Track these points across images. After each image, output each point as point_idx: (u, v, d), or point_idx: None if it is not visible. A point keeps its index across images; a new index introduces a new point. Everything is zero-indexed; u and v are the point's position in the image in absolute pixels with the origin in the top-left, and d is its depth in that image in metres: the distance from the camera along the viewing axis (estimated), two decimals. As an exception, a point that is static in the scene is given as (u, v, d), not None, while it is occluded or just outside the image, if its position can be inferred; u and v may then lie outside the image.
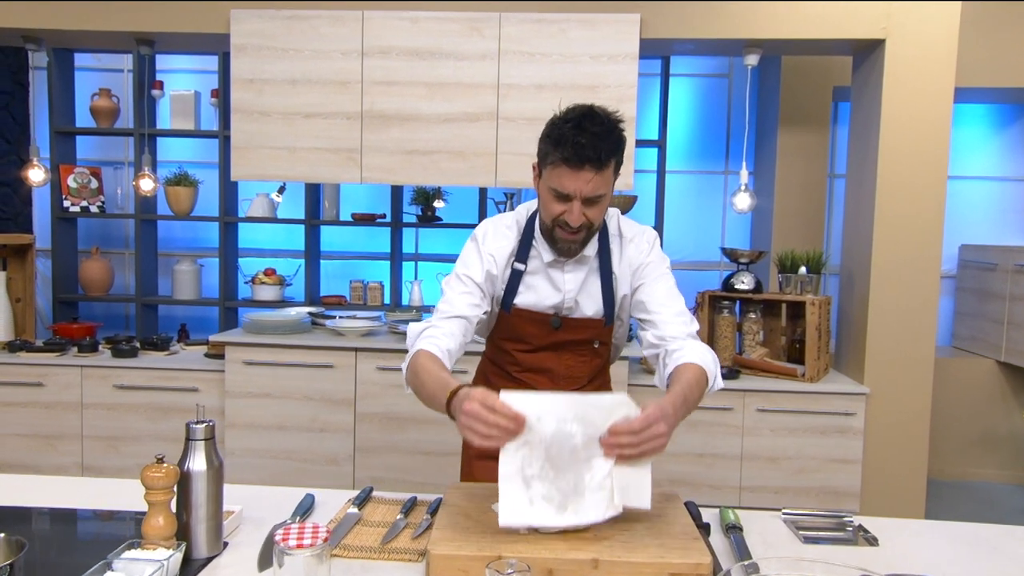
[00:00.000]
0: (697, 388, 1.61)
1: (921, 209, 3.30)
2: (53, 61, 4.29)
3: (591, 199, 1.62)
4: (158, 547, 1.29)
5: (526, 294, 1.80)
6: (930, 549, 1.49)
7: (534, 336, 1.82)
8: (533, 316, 1.80)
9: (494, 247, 1.79)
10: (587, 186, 1.60)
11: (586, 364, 1.85)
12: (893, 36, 3.27)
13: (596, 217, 1.66)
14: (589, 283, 1.79)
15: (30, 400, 3.52)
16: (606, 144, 1.57)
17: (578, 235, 1.68)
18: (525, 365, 1.87)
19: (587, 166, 1.57)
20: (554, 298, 1.79)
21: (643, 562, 1.29)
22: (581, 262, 1.78)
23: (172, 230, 4.72)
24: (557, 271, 1.79)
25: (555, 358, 1.85)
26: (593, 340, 1.83)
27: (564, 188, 1.61)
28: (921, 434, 3.39)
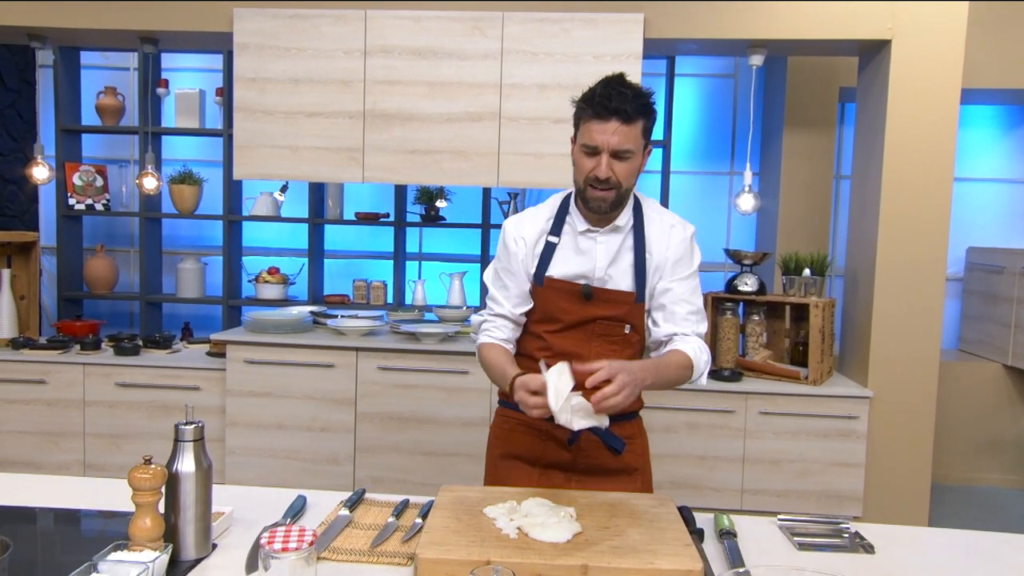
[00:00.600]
0: (676, 369, 1.74)
1: (927, 211, 3.27)
2: (59, 59, 4.31)
3: (618, 153, 1.67)
4: (144, 548, 1.28)
5: (558, 265, 1.81)
6: (927, 557, 1.47)
7: (565, 311, 1.81)
8: (564, 287, 1.80)
9: (523, 230, 1.85)
10: (613, 138, 1.65)
11: (617, 353, 1.81)
12: (899, 37, 3.24)
13: (624, 175, 1.70)
14: (622, 256, 1.81)
15: (33, 397, 3.53)
16: (633, 103, 1.65)
17: (608, 192, 1.71)
18: (555, 349, 1.82)
19: (614, 118, 1.64)
20: (585, 266, 1.80)
21: (633, 568, 1.28)
22: (614, 232, 1.80)
23: (177, 228, 4.73)
24: (590, 241, 1.81)
25: (585, 343, 1.81)
26: (624, 322, 1.81)
27: (592, 141, 1.68)
28: (925, 438, 3.36)
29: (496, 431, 1.95)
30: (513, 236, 1.86)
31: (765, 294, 3.57)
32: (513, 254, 1.85)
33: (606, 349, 1.81)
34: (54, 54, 4.34)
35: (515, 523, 1.41)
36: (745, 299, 3.57)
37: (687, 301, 1.81)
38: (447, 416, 3.36)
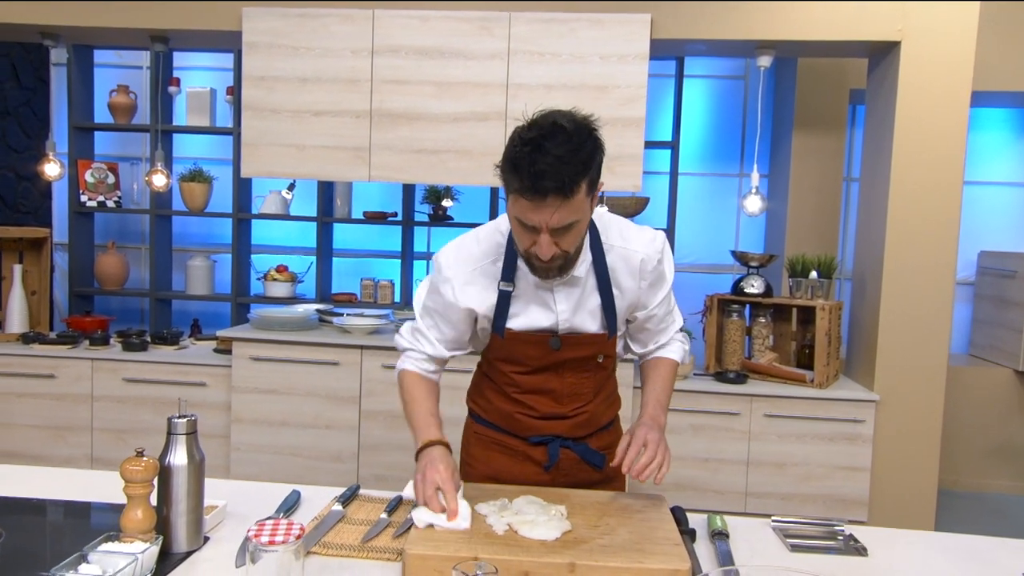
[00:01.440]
0: (672, 380, 1.78)
1: (935, 215, 3.24)
2: (73, 58, 4.35)
3: (560, 229, 1.45)
4: (136, 540, 1.30)
5: (518, 317, 1.65)
6: (921, 561, 1.46)
7: (532, 358, 1.68)
8: (529, 338, 1.66)
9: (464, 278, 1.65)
10: (553, 218, 1.42)
11: (590, 380, 1.73)
12: (909, 38, 3.22)
13: (571, 245, 1.50)
14: (586, 301, 1.65)
15: (42, 391, 3.56)
16: (571, 167, 1.38)
17: (553, 263, 1.51)
18: (525, 387, 1.72)
19: (550, 197, 1.39)
20: (548, 320, 1.65)
21: (620, 567, 1.27)
22: (572, 283, 1.63)
23: (187, 226, 4.76)
24: (547, 292, 1.64)
25: (557, 378, 1.71)
26: (596, 355, 1.71)
27: (528, 220, 1.44)
28: (932, 443, 3.33)
29: (473, 451, 1.86)
30: (452, 284, 1.65)
31: (771, 296, 3.55)
32: (451, 304, 1.66)
33: (579, 379, 1.72)
34: (68, 53, 4.39)
35: (505, 520, 1.41)
36: (751, 301, 3.55)
37: (668, 314, 1.77)
38: (450, 415, 3.33)
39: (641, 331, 1.77)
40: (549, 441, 1.74)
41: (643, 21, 3.26)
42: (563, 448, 1.75)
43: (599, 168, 1.47)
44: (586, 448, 1.76)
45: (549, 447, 1.74)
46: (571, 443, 1.75)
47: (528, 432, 1.76)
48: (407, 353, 1.77)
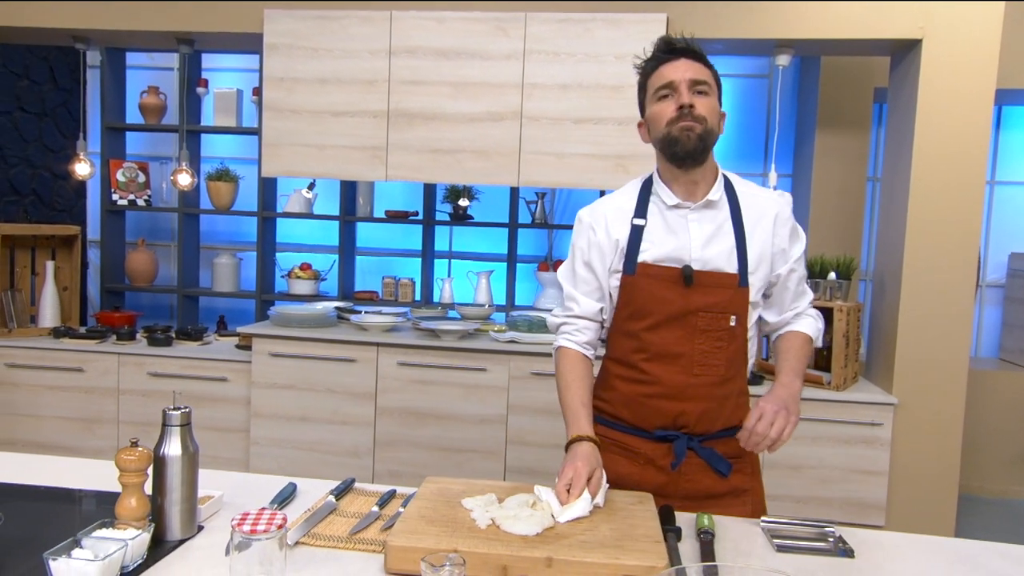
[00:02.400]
0: (807, 353, 1.76)
1: (956, 215, 3.19)
2: (106, 60, 4.48)
3: (696, 85, 1.63)
4: (129, 527, 1.34)
5: (649, 249, 1.68)
6: (906, 563, 1.44)
7: (663, 301, 1.66)
8: (660, 272, 1.66)
9: (601, 216, 1.75)
10: (688, 71, 1.63)
11: (722, 350, 1.66)
12: (930, 36, 3.17)
13: (705, 110, 1.63)
14: (719, 236, 1.68)
15: (71, 385, 3.67)
16: (696, 48, 1.67)
17: (694, 123, 1.61)
18: (652, 350, 1.68)
19: (682, 57, 1.65)
20: (680, 246, 1.67)
21: (597, 562, 1.29)
22: (708, 208, 1.69)
23: (215, 224, 4.86)
24: (681, 219, 1.69)
25: (687, 340, 1.66)
26: (728, 312, 1.65)
27: (666, 78, 1.64)
28: (952, 448, 3.27)
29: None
30: (589, 223, 1.75)
31: (789, 297, 3.51)
32: (592, 243, 1.73)
33: (711, 347, 1.66)
34: (101, 55, 4.51)
35: (489, 515, 1.43)
36: (769, 302, 3.52)
37: (804, 278, 1.79)
38: (465, 412, 3.40)
39: (778, 293, 1.76)
40: (675, 438, 1.70)
41: (659, 20, 3.25)
42: (688, 449, 1.70)
43: (718, 76, 1.71)
44: (712, 452, 1.71)
45: (675, 444, 1.70)
46: (697, 444, 1.71)
47: (652, 421, 1.72)
48: (561, 328, 1.80)
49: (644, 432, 1.74)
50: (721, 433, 1.72)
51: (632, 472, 1.74)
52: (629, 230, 1.71)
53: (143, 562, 1.32)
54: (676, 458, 1.69)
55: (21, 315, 3.92)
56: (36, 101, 4.62)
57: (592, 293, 1.77)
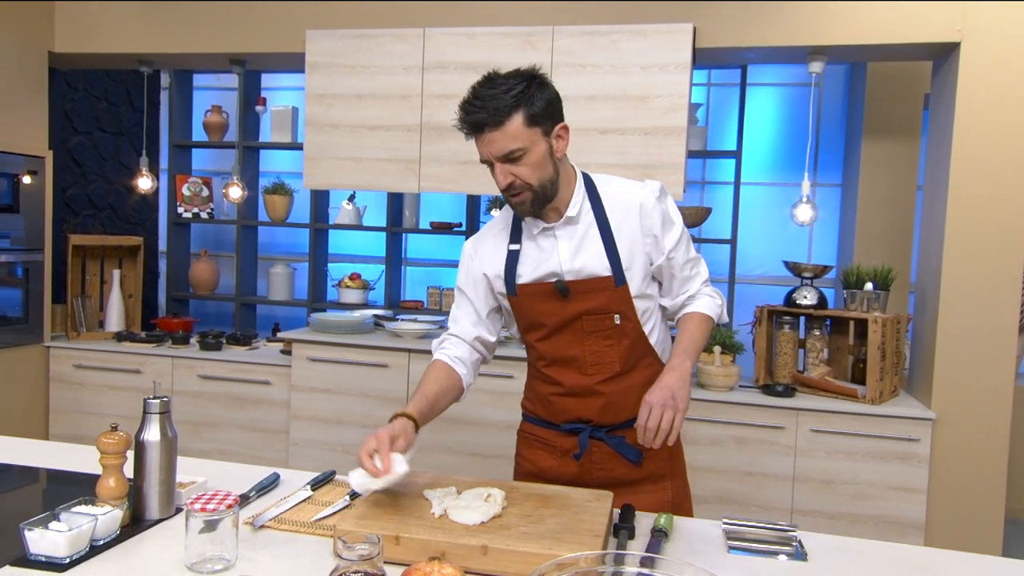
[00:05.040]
0: (702, 331, 1.75)
1: (998, 224, 3.06)
2: (174, 82, 4.78)
3: (507, 157, 1.62)
4: (106, 505, 1.46)
5: (524, 270, 1.77)
6: (860, 569, 1.42)
7: (545, 314, 1.76)
8: (537, 289, 1.75)
9: (480, 247, 1.84)
10: (493, 147, 1.62)
11: (613, 348, 1.74)
12: (969, 39, 3.07)
13: (528, 175, 1.63)
14: (587, 243, 1.74)
15: (130, 385, 3.91)
16: (499, 101, 1.59)
17: (521, 196, 1.66)
18: (549, 357, 1.79)
19: (485, 129, 1.61)
20: (551, 264, 1.74)
21: (530, 552, 1.32)
22: (570, 223, 1.74)
23: (274, 236, 5.09)
24: (549, 239, 1.75)
25: (578, 343, 1.76)
26: (611, 312, 1.73)
27: (480, 156, 1.66)
28: (997, 467, 3.13)
29: (521, 449, 1.95)
30: (470, 255, 1.85)
31: (825, 308, 3.44)
32: (469, 274, 1.84)
33: (601, 346, 1.75)
34: (170, 78, 4.81)
35: (444, 505, 1.49)
36: (803, 313, 3.46)
37: (687, 261, 1.79)
38: (492, 418, 3.45)
39: (665, 280, 1.80)
40: (580, 430, 1.79)
41: (685, 31, 3.26)
42: (595, 440, 1.78)
43: (546, 106, 1.64)
44: (620, 441, 1.77)
45: (580, 436, 1.78)
46: (604, 434, 1.78)
47: (560, 416, 1.82)
48: (440, 344, 1.87)
49: (554, 425, 1.84)
50: (629, 423, 1.74)
51: (552, 465, 1.85)
52: (506, 256, 1.79)
53: (118, 536, 1.43)
54: (580, 448, 1.78)
55: (90, 320, 4.20)
56: (113, 122, 4.95)
57: (470, 316, 1.85)
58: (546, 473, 1.84)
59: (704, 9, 3.30)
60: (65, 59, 4.08)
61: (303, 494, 1.68)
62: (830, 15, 3.20)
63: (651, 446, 1.55)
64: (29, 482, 1.81)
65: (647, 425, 1.54)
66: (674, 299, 1.82)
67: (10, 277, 3.83)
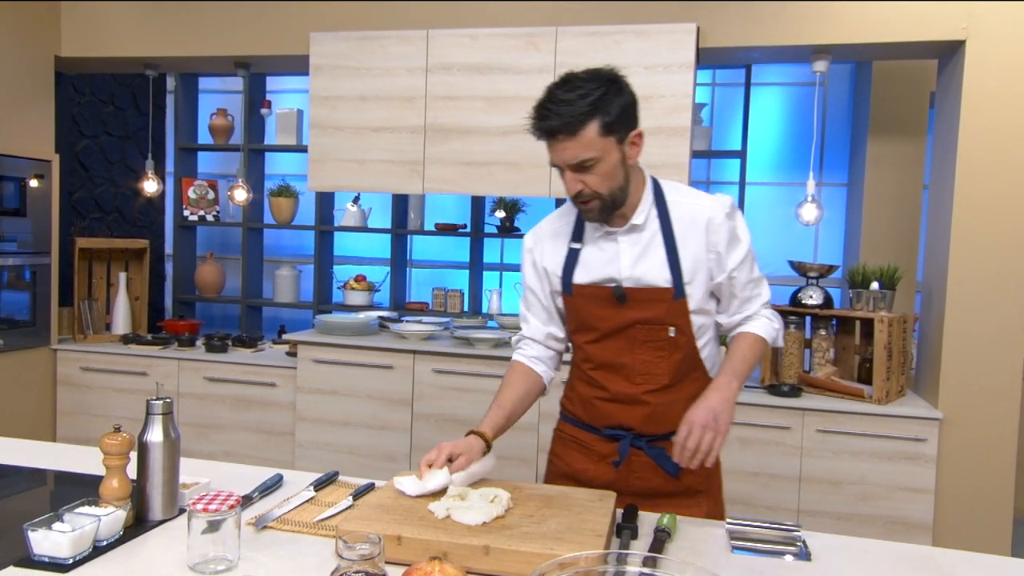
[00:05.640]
0: (753, 353, 1.72)
1: (1005, 223, 3.05)
2: (179, 85, 4.80)
3: (579, 166, 1.59)
4: (110, 506, 1.46)
5: (583, 271, 1.75)
6: (864, 568, 1.41)
7: (600, 318, 1.73)
8: (594, 292, 1.73)
9: (540, 241, 1.83)
10: (566, 154, 1.59)
11: (664, 360, 1.71)
12: (974, 37, 3.05)
13: (597, 183, 1.61)
14: (650, 252, 1.70)
15: (137, 387, 3.92)
16: (575, 107, 1.55)
17: (589, 204, 1.64)
18: (596, 361, 1.77)
19: (559, 136, 1.57)
20: (611, 269, 1.72)
21: (532, 552, 1.32)
22: (634, 231, 1.71)
23: (279, 238, 5.10)
24: (611, 242, 1.73)
25: (628, 351, 1.72)
26: (666, 324, 1.69)
27: (552, 161, 1.64)
28: (1005, 467, 3.11)
29: (555, 448, 1.92)
30: (530, 248, 1.84)
31: (831, 308, 3.43)
32: (532, 265, 1.83)
33: (652, 356, 1.72)
34: (176, 81, 4.83)
35: (446, 506, 1.48)
36: (808, 313, 3.45)
37: (749, 281, 1.76)
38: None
39: (724, 298, 1.76)
40: (621, 437, 1.76)
41: (688, 31, 3.25)
42: (635, 448, 1.75)
43: (622, 113, 1.60)
44: (660, 452, 1.73)
45: (620, 443, 1.75)
46: (644, 444, 1.75)
47: (602, 421, 1.78)
48: (516, 344, 1.89)
49: (595, 429, 1.81)
50: (671, 435, 1.70)
51: (587, 467, 1.82)
52: (566, 253, 1.78)
53: (121, 537, 1.44)
54: (619, 456, 1.74)
55: (96, 322, 4.22)
56: (120, 125, 4.97)
57: (539, 314, 1.85)
58: (580, 475, 1.81)
59: (707, 9, 3.30)
60: (71, 63, 4.10)
61: (306, 495, 1.68)
62: (834, 14, 3.19)
63: (688, 466, 1.54)
64: (37, 484, 1.82)
65: (686, 444, 1.53)
66: (731, 317, 1.78)
67: (17, 280, 3.85)
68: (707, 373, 1.78)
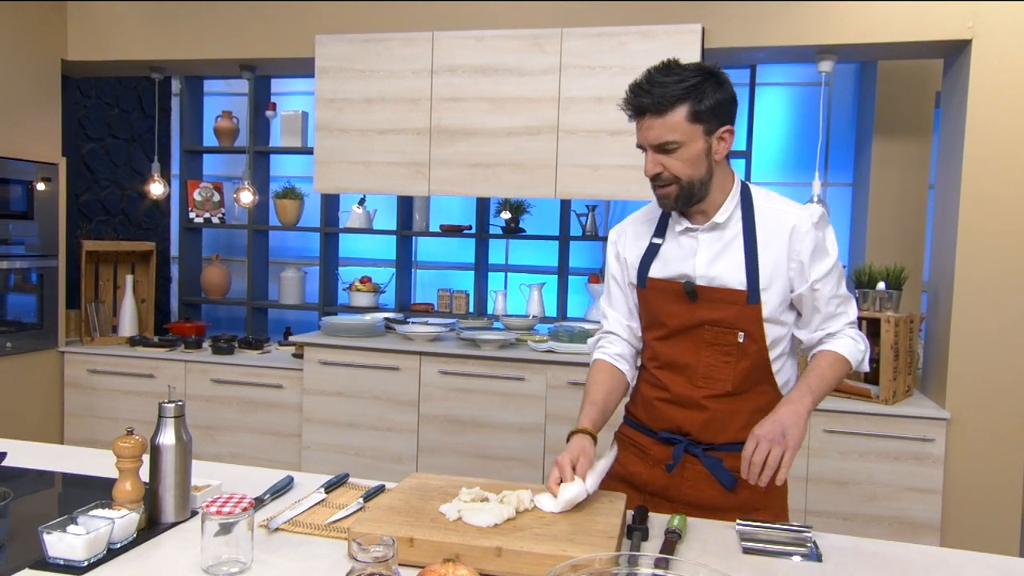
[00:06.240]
0: (832, 372, 1.68)
1: (1012, 222, 3.04)
2: (184, 88, 4.81)
3: (662, 147, 1.60)
4: (123, 509, 1.46)
5: (659, 266, 1.75)
6: (875, 569, 1.41)
7: (669, 314, 1.72)
8: (666, 287, 1.72)
9: (624, 236, 1.85)
10: (650, 132, 1.60)
11: (730, 365, 1.67)
12: (980, 36, 3.05)
13: (677, 168, 1.61)
14: (728, 253, 1.68)
15: (144, 389, 3.93)
16: (668, 90, 1.56)
17: (667, 188, 1.64)
18: (662, 359, 1.76)
19: (647, 115, 1.59)
20: (686, 265, 1.71)
21: (544, 553, 1.32)
22: (716, 229, 1.69)
23: (285, 240, 5.11)
24: (691, 240, 1.72)
25: (694, 352, 1.70)
26: (736, 328, 1.66)
27: (638, 139, 1.64)
28: (1013, 467, 3.11)
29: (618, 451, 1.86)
30: (614, 241, 1.87)
31: (837, 308, 3.42)
32: (616, 257, 1.85)
33: (718, 360, 1.69)
34: (181, 84, 4.85)
35: (457, 508, 1.49)
36: (815, 313, 3.44)
37: (834, 296, 1.70)
38: (504, 421, 3.46)
39: (807, 312, 1.72)
40: (677, 442, 1.74)
41: (694, 31, 3.26)
42: (690, 456, 1.72)
43: (716, 106, 1.59)
44: (717, 462, 1.70)
45: (675, 448, 1.73)
46: (700, 451, 1.72)
47: (660, 424, 1.76)
48: (598, 343, 1.88)
49: (652, 432, 1.80)
50: (730, 446, 1.70)
51: (641, 471, 1.80)
52: (647, 246, 1.79)
53: (134, 539, 1.44)
54: (673, 459, 1.72)
55: (103, 325, 4.23)
56: (125, 128, 4.98)
57: (620, 307, 1.86)
58: (634, 478, 1.79)
59: (713, 9, 3.30)
60: (78, 67, 4.11)
61: (317, 497, 1.68)
62: (840, 14, 3.20)
63: (755, 483, 1.52)
64: (45, 486, 1.82)
65: (752, 460, 1.50)
66: (812, 333, 1.73)
67: (25, 283, 3.86)
68: (778, 389, 1.74)
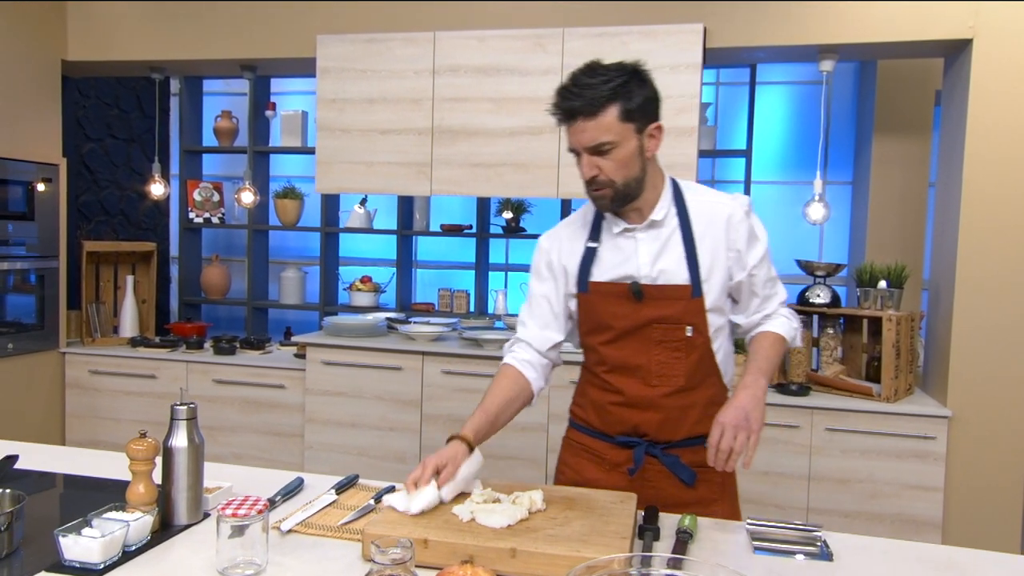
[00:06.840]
0: (776, 352, 1.72)
1: (1012, 220, 3.06)
2: (184, 88, 4.80)
3: (596, 149, 1.59)
4: (137, 511, 1.47)
5: (600, 269, 1.74)
6: (886, 568, 1.42)
7: (616, 316, 1.71)
8: (611, 289, 1.71)
9: (557, 242, 1.81)
10: (584, 136, 1.59)
11: (680, 361, 1.69)
12: (981, 35, 3.07)
13: (612, 170, 1.61)
14: (668, 249, 1.70)
15: (145, 390, 3.93)
16: (597, 91, 1.56)
17: (603, 191, 1.64)
18: (611, 362, 1.74)
19: (578, 118, 1.58)
20: (629, 266, 1.71)
21: (558, 554, 1.33)
22: (653, 227, 1.70)
23: (285, 239, 5.11)
24: (629, 240, 1.72)
25: (643, 352, 1.70)
26: (683, 323, 1.68)
27: (569, 144, 1.64)
28: (1014, 464, 3.12)
29: (565, 456, 1.90)
30: (546, 249, 1.82)
31: (839, 306, 3.44)
32: (548, 265, 1.81)
33: (668, 357, 1.70)
34: (180, 84, 4.84)
35: (469, 509, 1.49)
36: (816, 312, 3.46)
37: (768, 279, 1.76)
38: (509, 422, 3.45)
39: (744, 297, 1.76)
40: (635, 444, 1.74)
41: (695, 31, 3.26)
42: (649, 456, 1.73)
43: (643, 103, 1.62)
44: (675, 460, 1.72)
45: (635, 451, 1.73)
46: (659, 452, 1.73)
47: (616, 427, 1.76)
48: (511, 347, 1.86)
49: (608, 437, 1.79)
50: (686, 442, 1.72)
51: (599, 477, 1.79)
52: (583, 251, 1.77)
53: (148, 542, 1.45)
54: (635, 463, 1.73)
55: (104, 325, 4.23)
56: (124, 128, 4.98)
57: (540, 318, 1.82)
58: (591, 485, 1.76)
59: (714, 9, 3.31)
60: (77, 67, 4.11)
61: (328, 498, 1.69)
62: (840, 14, 3.21)
63: (723, 469, 1.53)
64: (47, 487, 1.82)
65: (719, 446, 1.51)
66: (750, 317, 1.78)
67: (25, 284, 3.86)
68: (721, 378, 1.77)
